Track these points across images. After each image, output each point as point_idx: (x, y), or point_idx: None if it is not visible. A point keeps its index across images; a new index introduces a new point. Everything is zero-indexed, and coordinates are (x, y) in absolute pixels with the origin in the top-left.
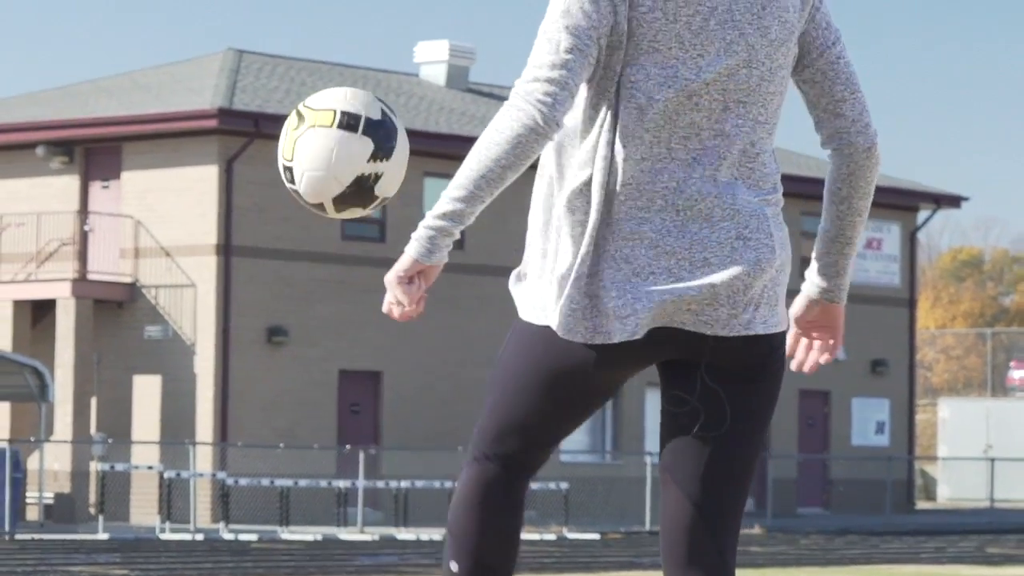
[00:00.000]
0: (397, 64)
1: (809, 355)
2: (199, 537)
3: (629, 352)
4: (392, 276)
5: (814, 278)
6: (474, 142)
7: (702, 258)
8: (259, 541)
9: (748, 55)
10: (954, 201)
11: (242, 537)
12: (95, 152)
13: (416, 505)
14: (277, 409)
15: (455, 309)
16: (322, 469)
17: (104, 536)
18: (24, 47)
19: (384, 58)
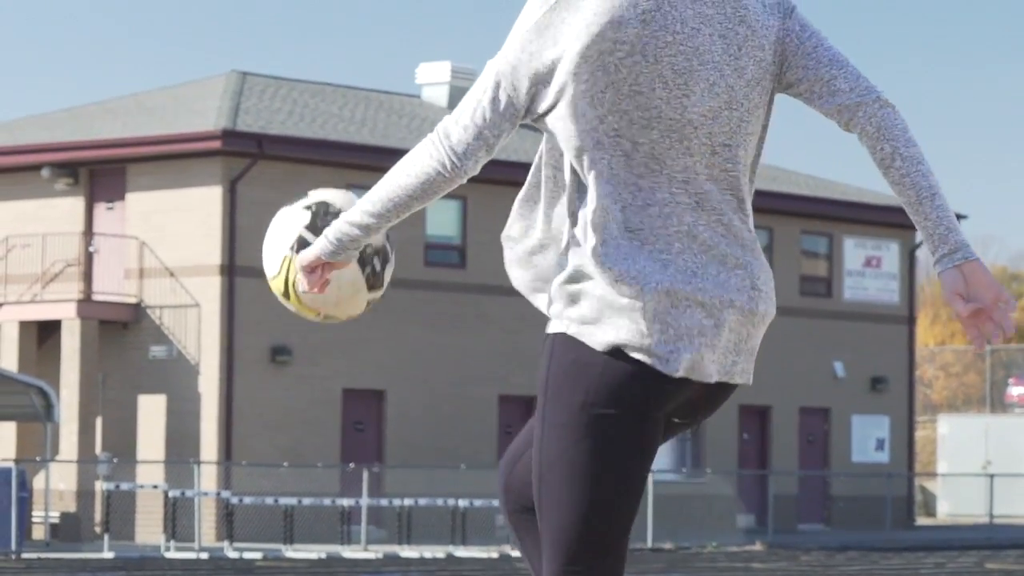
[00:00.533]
0: (399, 85)
1: (996, 320)
2: (204, 556)
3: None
4: (297, 263)
5: (936, 252)
6: None
7: (728, 299)
8: (263, 559)
9: (729, 96)
10: None
11: (246, 555)
12: (100, 173)
13: (419, 523)
14: (281, 428)
15: (457, 328)
16: (326, 487)
17: (109, 555)
18: (29, 70)
19: (386, 79)
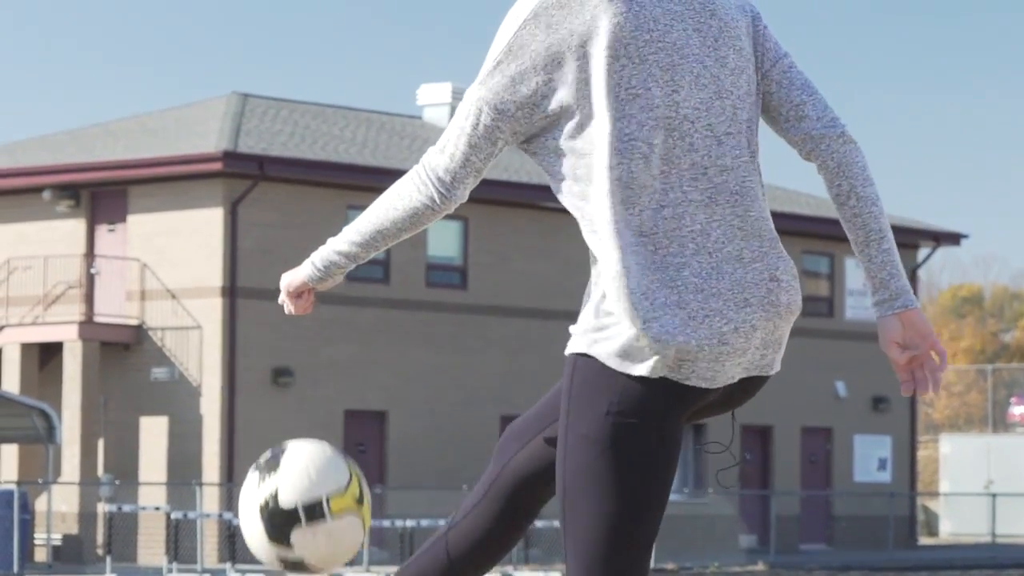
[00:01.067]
0: (400, 106)
1: (928, 372)
2: None
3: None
4: (283, 287)
5: (875, 297)
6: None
7: (743, 299)
8: None
9: (717, 86)
10: (954, 239)
11: None
12: (101, 196)
13: (422, 544)
14: None
15: (460, 349)
16: None
17: None
18: (31, 92)
19: (387, 100)
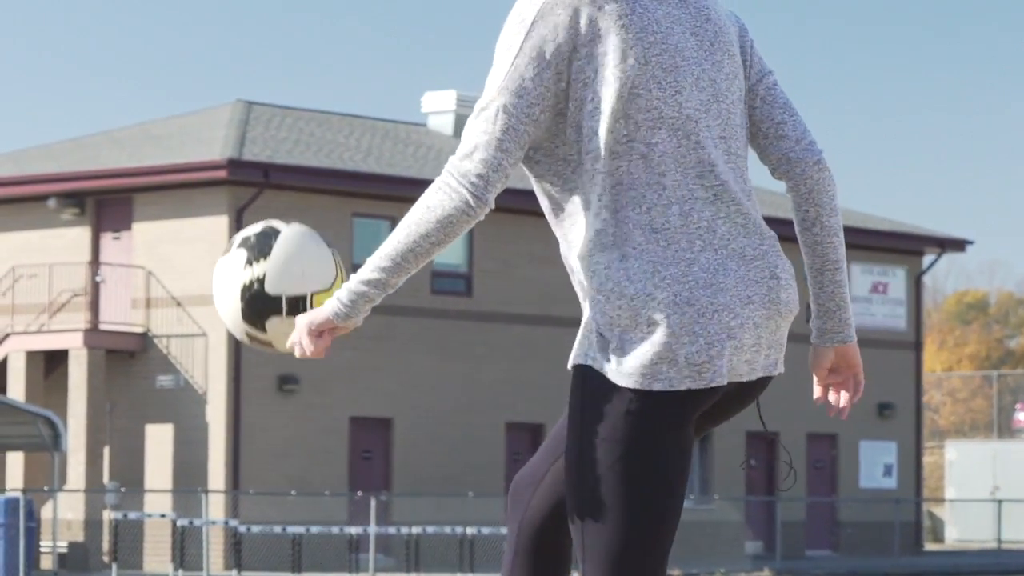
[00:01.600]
0: (405, 114)
1: (842, 399)
2: None
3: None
4: (304, 326)
5: (817, 323)
6: None
7: (746, 296)
8: None
9: (714, 89)
10: (959, 245)
11: None
12: (106, 203)
13: (428, 551)
14: (289, 456)
15: (465, 356)
16: (334, 516)
17: None
18: (35, 100)
19: (392, 108)
